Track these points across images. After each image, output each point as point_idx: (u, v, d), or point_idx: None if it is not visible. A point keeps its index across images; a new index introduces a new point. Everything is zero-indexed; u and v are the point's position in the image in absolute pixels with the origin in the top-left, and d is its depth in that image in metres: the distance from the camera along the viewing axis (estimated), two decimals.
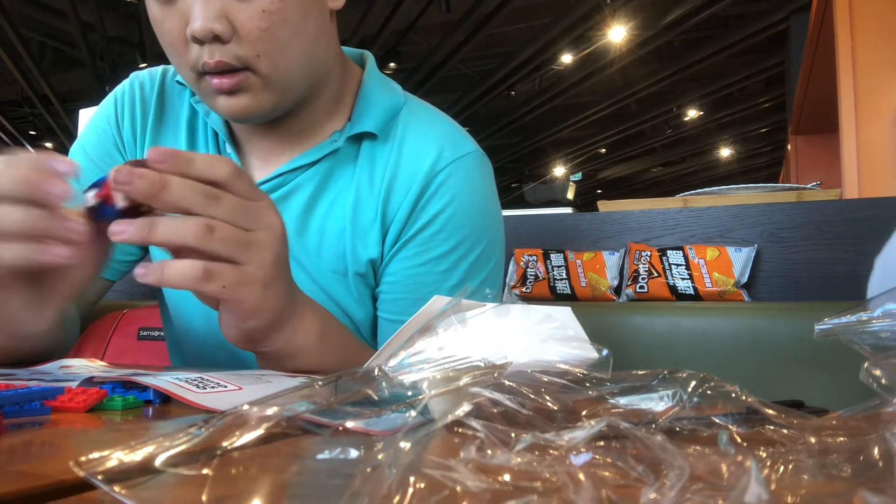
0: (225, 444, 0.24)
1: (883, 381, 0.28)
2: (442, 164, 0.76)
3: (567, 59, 8.05)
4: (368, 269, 0.78)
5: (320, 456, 0.26)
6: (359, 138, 0.79)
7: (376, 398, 0.31)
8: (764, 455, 0.24)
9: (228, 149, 0.80)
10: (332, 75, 0.78)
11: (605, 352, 0.36)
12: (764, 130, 10.57)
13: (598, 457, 0.25)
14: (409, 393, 0.30)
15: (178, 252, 0.52)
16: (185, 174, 0.50)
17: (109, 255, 0.59)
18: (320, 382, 0.31)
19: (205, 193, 0.50)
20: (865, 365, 0.29)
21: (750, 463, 0.22)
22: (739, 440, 0.26)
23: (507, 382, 0.29)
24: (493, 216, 0.81)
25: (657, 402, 0.29)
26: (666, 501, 0.20)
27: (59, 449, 0.32)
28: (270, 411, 0.27)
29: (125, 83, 0.86)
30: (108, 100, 0.86)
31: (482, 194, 0.79)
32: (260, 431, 0.26)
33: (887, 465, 0.23)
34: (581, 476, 0.21)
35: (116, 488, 0.20)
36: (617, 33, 7.22)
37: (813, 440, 0.26)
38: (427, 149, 0.77)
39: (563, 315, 0.40)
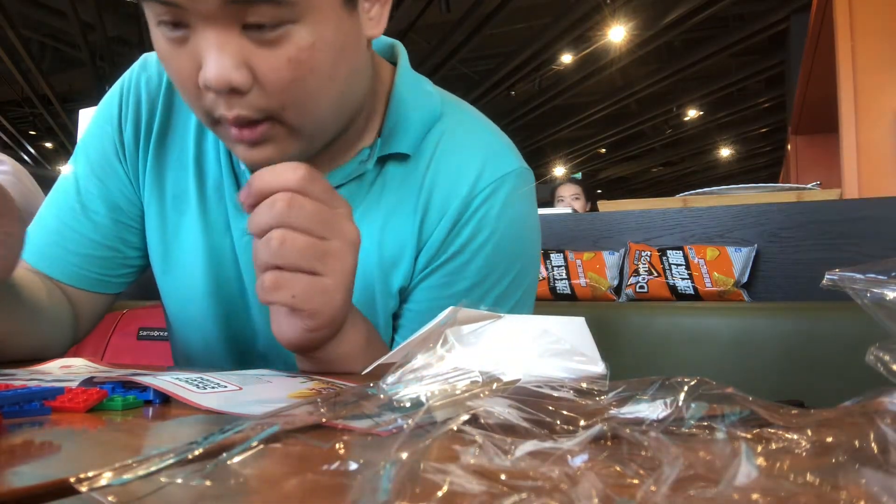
0: (224, 455, 0.24)
1: (893, 366, 0.28)
2: (481, 186, 0.69)
3: (567, 59, 8.06)
4: (398, 299, 0.72)
5: (320, 465, 0.26)
6: (387, 157, 0.71)
7: (377, 410, 0.31)
8: (760, 449, 0.24)
9: (243, 165, 0.72)
10: (365, 98, 0.69)
11: (601, 367, 0.36)
12: (764, 130, 10.58)
13: (595, 457, 0.25)
14: (408, 405, 0.30)
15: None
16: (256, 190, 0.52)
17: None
18: (320, 401, 0.32)
19: (273, 205, 0.51)
20: (872, 348, 0.29)
21: (742, 448, 0.22)
22: (737, 437, 0.26)
23: (503, 396, 0.30)
24: (531, 239, 0.75)
25: (655, 410, 0.29)
26: (662, 492, 0.20)
27: (58, 449, 0.32)
28: (271, 423, 0.27)
29: (132, 76, 0.77)
30: (114, 97, 0.77)
31: (521, 217, 0.72)
32: (261, 445, 0.26)
33: (881, 448, 0.23)
34: (578, 475, 0.21)
35: (112, 498, 0.20)
36: (617, 33, 7.22)
37: (810, 432, 0.26)
38: (467, 167, 0.70)
39: (570, 326, 0.40)
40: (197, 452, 0.24)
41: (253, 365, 0.75)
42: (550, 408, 0.29)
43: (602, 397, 0.31)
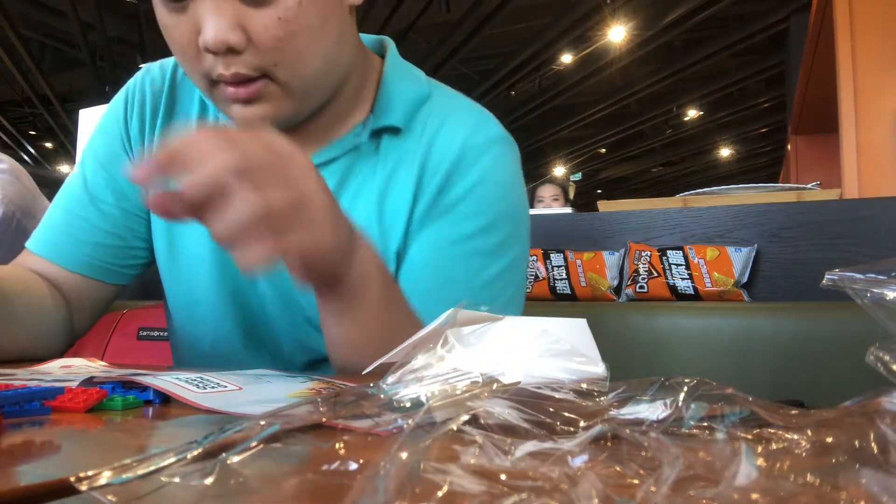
0: (224, 454, 0.24)
1: (893, 366, 0.28)
2: (471, 145, 0.74)
3: (567, 59, 8.06)
4: (395, 263, 0.75)
5: (320, 465, 0.26)
6: (381, 131, 0.76)
7: (377, 410, 0.31)
8: (760, 449, 0.24)
9: None
10: (352, 71, 0.75)
11: (601, 368, 0.36)
12: (764, 130, 10.58)
13: (595, 458, 0.25)
14: (408, 405, 0.30)
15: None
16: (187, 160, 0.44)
17: None
18: (320, 401, 0.32)
19: (224, 175, 0.44)
20: (872, 348, 0.29)
21: (742, 448, 0.22)
22: (737, 437, 0.26)
23: (504, 397, 0.30)
24: (520, 202, 0.78)
25: (655, 410, 0.29)
26: (662, 492, 0.20)
27: (59, 449, 0.32)
28: (271, 423, 0.27)
29: (136, 80, 0.83)
30: (119, 98, 0.83)
31: (509, 176, 0.77)
32: (261, 445, 0.26)
33: (881, 448, 0.23)
34: (578, 475, 0.21)
35: (112, 498, 0.20)
36: (617, 33, 7.23)
37: (810, 432, 0.26)
38: (457, 130, 0.75)
39: (571, 327, 0.40)
40: (197, 452, 0.24)
41: (263, 336, 0.77)
42: (550, 409, 0.29)
43: (602, 398, 0.31)
